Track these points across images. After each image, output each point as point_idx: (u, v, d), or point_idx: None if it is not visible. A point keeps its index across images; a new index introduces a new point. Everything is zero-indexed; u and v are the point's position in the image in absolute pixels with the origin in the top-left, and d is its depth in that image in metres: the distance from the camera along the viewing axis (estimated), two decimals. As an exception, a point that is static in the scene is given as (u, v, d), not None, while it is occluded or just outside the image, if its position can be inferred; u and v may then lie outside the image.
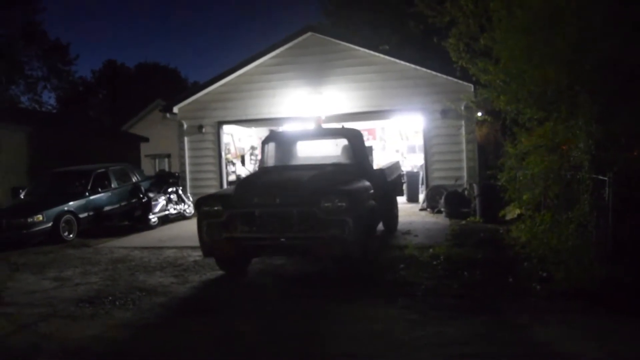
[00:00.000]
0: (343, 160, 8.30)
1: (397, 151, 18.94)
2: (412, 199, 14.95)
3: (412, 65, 13.93)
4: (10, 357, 4.67)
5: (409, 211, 13.20)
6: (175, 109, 15.91)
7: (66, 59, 40.34)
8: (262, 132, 18.29)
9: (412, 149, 18.48)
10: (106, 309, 5.94)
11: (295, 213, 6.45)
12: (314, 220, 6.37)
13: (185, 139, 15.82)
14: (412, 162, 17.65)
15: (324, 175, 7.17)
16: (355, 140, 8.55)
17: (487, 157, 13.13)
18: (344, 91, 14.39)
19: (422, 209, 13.42)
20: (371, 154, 9.49)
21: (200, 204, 7.06)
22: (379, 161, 18.56)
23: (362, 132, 9.11)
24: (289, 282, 7.03)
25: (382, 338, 4.62)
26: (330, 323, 5.14)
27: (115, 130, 28.99)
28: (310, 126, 9.59)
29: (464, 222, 11.10)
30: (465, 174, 13.51)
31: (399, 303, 5.60)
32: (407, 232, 10.01)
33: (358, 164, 8.20)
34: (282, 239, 6.54)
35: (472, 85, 11.98)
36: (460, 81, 12.48)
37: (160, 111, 17.40)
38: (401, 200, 15.33)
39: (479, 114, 12.20)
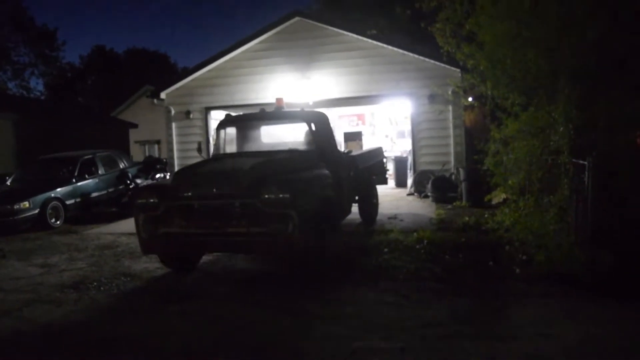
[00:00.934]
0: (302, 146, 7.52)
1: (387, 136, 18.98)
2: (401, 183, 15.04)
3: (400, 50, 13.91)
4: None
5: (396, 196, 13.28)
6: (163, 95, 15.84)
7: (54, 45, 40.06)
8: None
9: (401, 134, 18.51)
10: (90, 295, 5.97)
11: (235, 205, 5.85)
12: (254, 214, 5.69)
13: (173, 124, 15.76)
14: (402, 147, 17.70)
15: (271, 163, 6.47)
16: (316, 125, 7.67)
17: (474, 142, 13.20)
18: (332, 76, 14.36)
19: (409, 194, 13.50)
20: (333, 139, 8.23)
21: (135, 195, 6.46)
22: (366, 146, 18.68)
23: (325, 115, 8.25)
24: (267, 264, 7.07)
25: (361, 320, 4.68)
26: (309, 305, 5.20)
27: (105, 116, 28.80)
28: (271, 109, 8.61)
29: (450, 206, 11.18)
30: (452, 158, 13.57)
31: (380, 286, 5.67)
32: (394, 217, 10.07)
33: (319, 150, 7.40)
34: (222, 235, 5.89)
35: (459, 70, 12.01)
36: (448, 66, 12.50)
37: (147, 97, 17.36)
38: (389, 185, 15.43)
39: (470, 99, 12.24)
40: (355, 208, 9.04)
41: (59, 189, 11.64)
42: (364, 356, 3.91)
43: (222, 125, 8.07)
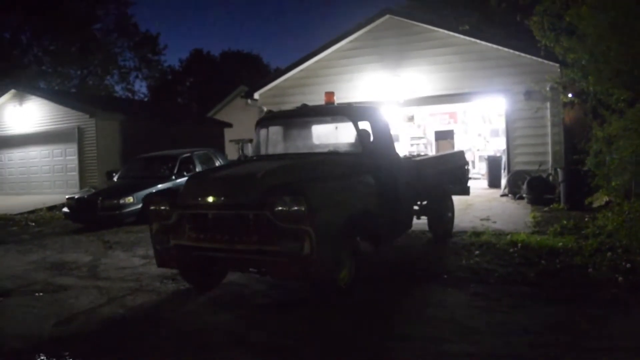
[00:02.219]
0: (345, 147, 6.50)
1: (480, 135, 18.39)
2: (494, 184, 14.53)
3: (494, 46, 13.44)
4: (99, 327, 5.04)
5: (489, 197, 12.86)
6: (257, 95, 16.31)
7: (156, 49, 42.34)
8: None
9: (495, 133, 17.85)
10: (187, 286, 6.26)
11: (245, 217, 5.02)
12: (266, 229, 4.88)
13: (266, 124, 16.16)
14: (495, 146, 17.10)
15: (294, 168, 5.64)
16: (363, 123, 6.54)
17: (574, 141, 12.48)
18: (423, 74, 14.15)
19: (503, 195, 13.02)
20: (387, 139, 6.92)
21: (148, 201, 5.90)
22: (457, 146, 18.21)
23: (376, 111, 7.16)
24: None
25: (448, 323, 4.58)
26: (397, 306, 5.16)
27: (202, 116, 30.12)
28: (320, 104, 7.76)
29: (546, 209, 10.66)
30: (550, 158, 12.94)
31: (471, 289, 5.52)
32: (486, 219, 9.76)
33: (365, 152, 6.29)
34: (231, 252, 5.14)
35: (557, 65, 11.42)
36: (545, 61, 11.92)
37: (242, 97, 17.91)
38: (482, 185, 14.99)
39: (570, 95, 11.61)
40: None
41: (159, 185, 12.27)
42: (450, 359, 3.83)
43: (260, 123, 7.21)
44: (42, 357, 4.28)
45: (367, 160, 6.23)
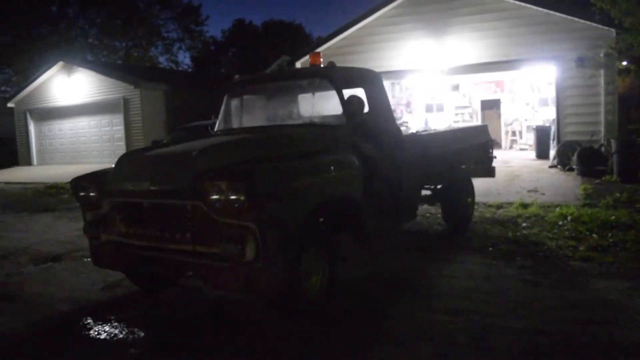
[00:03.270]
0: (324, 120, 5.20)
1: (528, 104, 17.80)
2: (542, 155, 14.09)
3: (544, 10, 12.86)
4: (144, 293, 5.12)
5: (537, 168, 12.48)
6: (298, 65, 16.16)
7: (198, 20, 42.57)
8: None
9: (544, 102, 17.24)
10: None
11: (178, 209, 3.94)
12: (202, 223, 3.77)
13: (307, 94, 16.05)
14: (544, 116, 16.53)
15: (243, 144, 4.40)
16: (353, 90, 5.26)
17: (629, 110, 11.92)
18: (468, 40, 13.71)
19: (552, 166, 12.60)
20: (383, 109, 5.57)
21: (74, 185, 4.73)
22: (504, 116, 17.69)
23: (368, 74, 5.70)
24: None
25: (495, 297, 4.46)
26: (439, 278, 5.06)
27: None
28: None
29: (598, 181, 10.26)
30: (602, 128, 12.40)
31: (517, 262, 5.36)
32: (534, 190, 9.48)
33: (350, 125, 4.95)
34: (164, 252, 4.04)
35: (613, 30, 10.83)
36: (600, 26, 11.35)
37: (279, 67, 17.80)
38: (529, 156, 14.56)
39: (625, 62, 11.04)
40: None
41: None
42: (495, 334, 3.72)
43: (230, 90, 5.93)
44: (89, 321, 4.39)
45: (350, 135, 4.90)
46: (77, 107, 21.16)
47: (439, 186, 6.87)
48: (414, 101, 19.08)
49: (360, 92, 5.31)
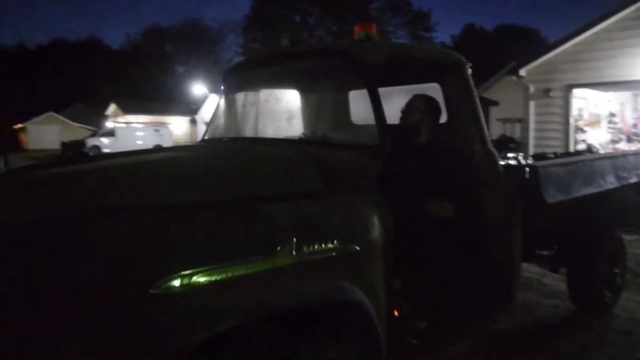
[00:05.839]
0: (340, 133, 3.31)
1: None
2: None
3: None
4: None
5: None
6: (522, 72, 15.35)
7: (427, 26, 43.16)
8: (622, 97, 16.27)
9: None
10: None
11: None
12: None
13: (530, 103, 15.17)
14: None
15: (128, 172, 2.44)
16: (404, 78, 3.78)
17: None
18: None
19: None
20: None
21: None
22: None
23: (459, 61, 3.51)
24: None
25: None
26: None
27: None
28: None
29: None
30: None
31: None
32: None
33: (383, 150, 2.71)
34: None
35: None
36: None
37: (506, 74, 17.12)
38: None
39: None
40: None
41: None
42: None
43: (226, 79, 3.89)
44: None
45: (377, 166, 2.65)
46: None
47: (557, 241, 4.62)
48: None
49: (428, 89, 3.52)
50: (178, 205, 2.04)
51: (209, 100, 37.74)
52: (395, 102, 3.32)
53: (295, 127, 3.42)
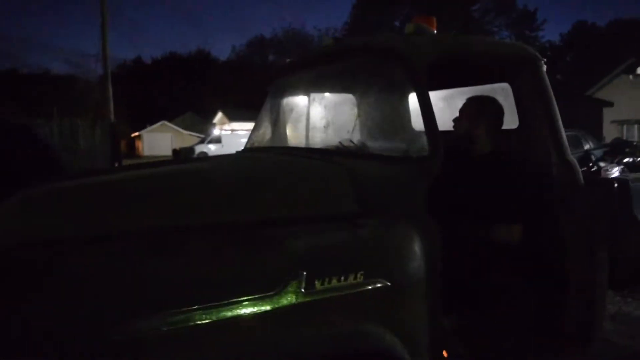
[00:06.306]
0: (382, 144, 2.64)
1: None
2: None
3: None
4: None
5: None
6: (640, 71, 14.38)
7: (533, 25, 41.48)
8: None
9: None
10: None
11: None
12: None
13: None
14: None
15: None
16: (464, 79, 3.34)
17: None
18: None
19: None
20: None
21: None
22: None
23: (534, 57, 2.79)
24: None
25: None
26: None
27: (576, 94, 28.18)
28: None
29: None
30: None
31: None
32: None
33: (434, 163, 2.21)
34: None
35: None
36: None
37: (623, 73, 16.06)
38: None
39: None
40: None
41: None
42: None
43: (269, 84, 3.57)
44: None
45: (421, 184, 2.19)
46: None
47: None
48: None
49: (497, 90, 3.05)
50: (152, 229, 1.76)
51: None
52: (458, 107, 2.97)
53: (335, 135, 2.92)
